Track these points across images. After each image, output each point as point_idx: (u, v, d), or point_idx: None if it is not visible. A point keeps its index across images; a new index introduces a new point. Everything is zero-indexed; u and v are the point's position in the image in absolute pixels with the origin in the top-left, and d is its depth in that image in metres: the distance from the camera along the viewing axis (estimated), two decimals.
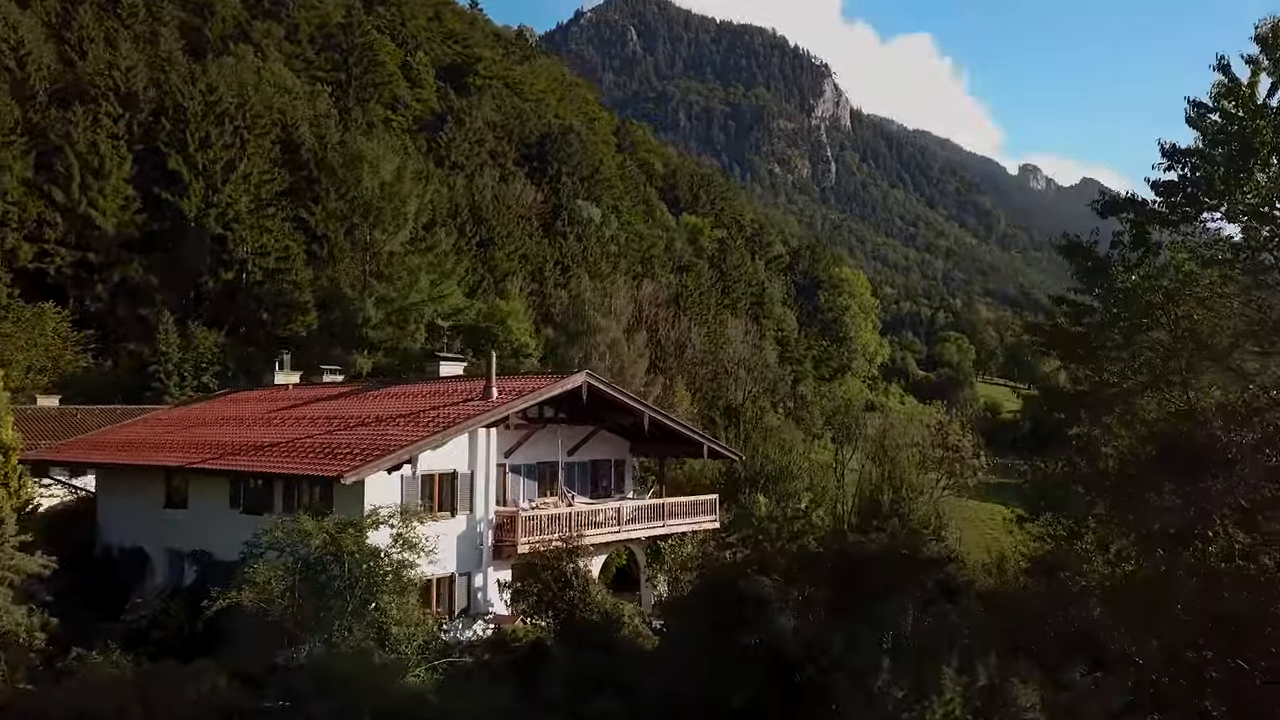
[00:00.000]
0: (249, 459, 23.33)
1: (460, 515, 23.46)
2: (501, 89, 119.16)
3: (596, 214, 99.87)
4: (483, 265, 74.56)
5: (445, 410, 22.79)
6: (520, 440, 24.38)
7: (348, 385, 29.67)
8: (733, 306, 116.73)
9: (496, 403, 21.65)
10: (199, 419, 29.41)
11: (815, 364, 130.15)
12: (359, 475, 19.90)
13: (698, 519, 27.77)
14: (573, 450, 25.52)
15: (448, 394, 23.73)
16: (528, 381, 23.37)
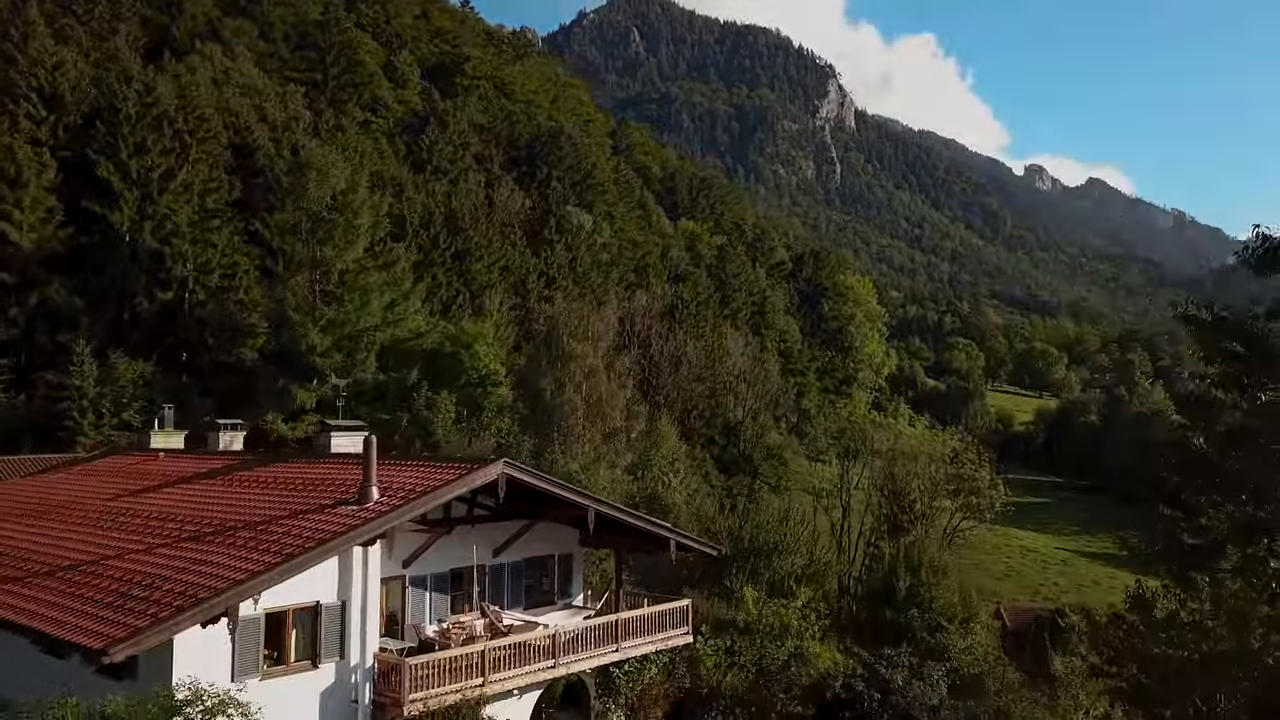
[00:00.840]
0: (11, 596, 17.22)
1: (326, 664, 17.01)
2: (490, 90, 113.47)
3: (587, 221, 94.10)
4: (458, 279, 68.83)
5: (305, 522, 16.57)
6: (426, 543, 18.62)
7: (227, 456, 23.81)
8: (733, 317, 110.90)
9: (374, 511, 15.76)
10: (11, 504, 23.13)
11: (819, 375, 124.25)
12: (135, 648, 13.99)
13: (665, 635, 21.65)
14: (501, 548, 19.63)
15: (323, 487, 17.73)
16: (427, 473, 17.30)
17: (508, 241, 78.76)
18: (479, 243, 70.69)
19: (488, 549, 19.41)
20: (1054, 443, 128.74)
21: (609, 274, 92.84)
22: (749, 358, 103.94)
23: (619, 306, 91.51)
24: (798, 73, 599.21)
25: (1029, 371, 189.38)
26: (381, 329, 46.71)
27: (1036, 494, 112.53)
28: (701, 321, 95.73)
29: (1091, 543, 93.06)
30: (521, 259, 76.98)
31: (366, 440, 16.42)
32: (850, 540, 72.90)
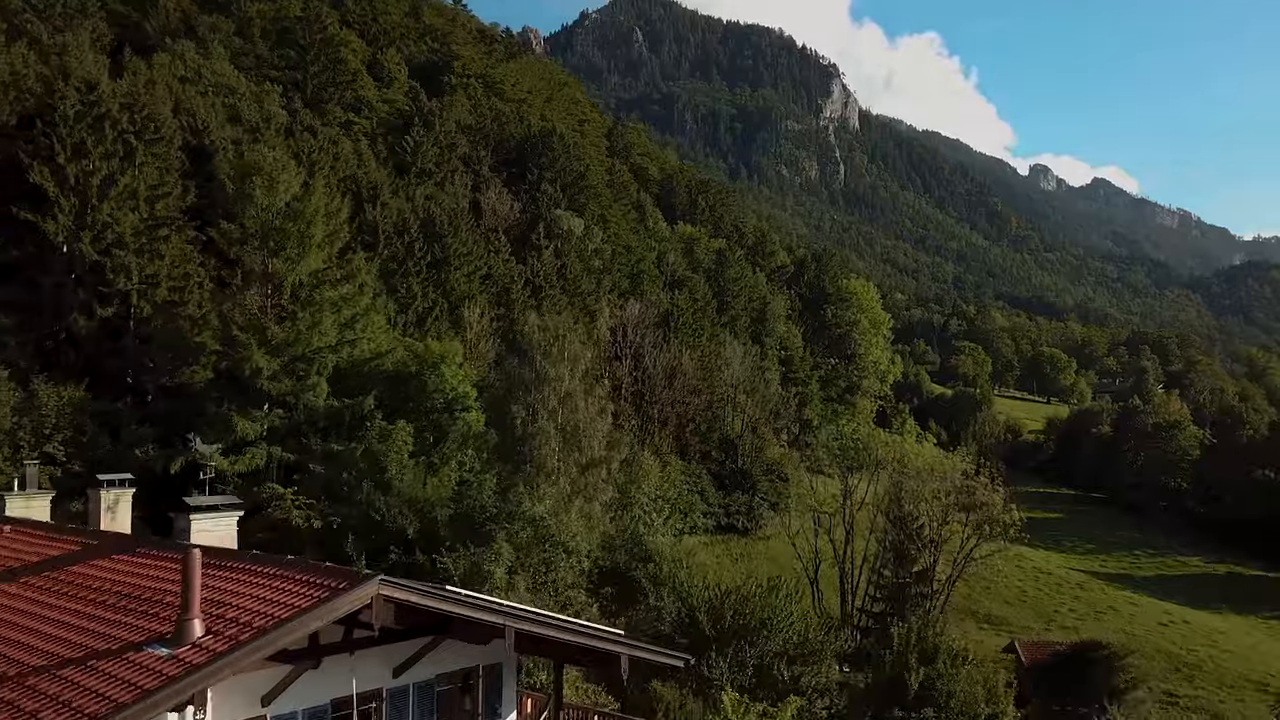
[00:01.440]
0: None
1: None
2: (479, 89, 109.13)
3: (578, 225, 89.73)
4: (435, 289, 64.48)
5: (90, 678, 11.71)
6: (289, 676, 13.52)
7: (79, 537, 19.06)
8: (731, 324, 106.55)
9: (189, 660, 11.20)
10: None
11: (822, 384, 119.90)
12: None
13: None
14: (404, 666, 14.99)
15: (146, 605, 13.12)
16: (283, 590, 12.64)
17: (490, 248, 74.41)
18: (458, 250, 66.32)
19: (385, 668, 14.93)
20: (1065, 452, 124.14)
21: (600, 281, 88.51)
22: (748, 367, 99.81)
23: (611, 315, 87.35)
24: (801, 72, 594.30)
25: (1037, 377, 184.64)
26: (337, 349, 42.33)
27: (1048, 507, 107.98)
28: (698, 331, 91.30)
29: (1108, 561, 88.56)
30: (506, 267, 72.62)
31: (187, 557, 11.89)
32: (853, 567, 68.59)
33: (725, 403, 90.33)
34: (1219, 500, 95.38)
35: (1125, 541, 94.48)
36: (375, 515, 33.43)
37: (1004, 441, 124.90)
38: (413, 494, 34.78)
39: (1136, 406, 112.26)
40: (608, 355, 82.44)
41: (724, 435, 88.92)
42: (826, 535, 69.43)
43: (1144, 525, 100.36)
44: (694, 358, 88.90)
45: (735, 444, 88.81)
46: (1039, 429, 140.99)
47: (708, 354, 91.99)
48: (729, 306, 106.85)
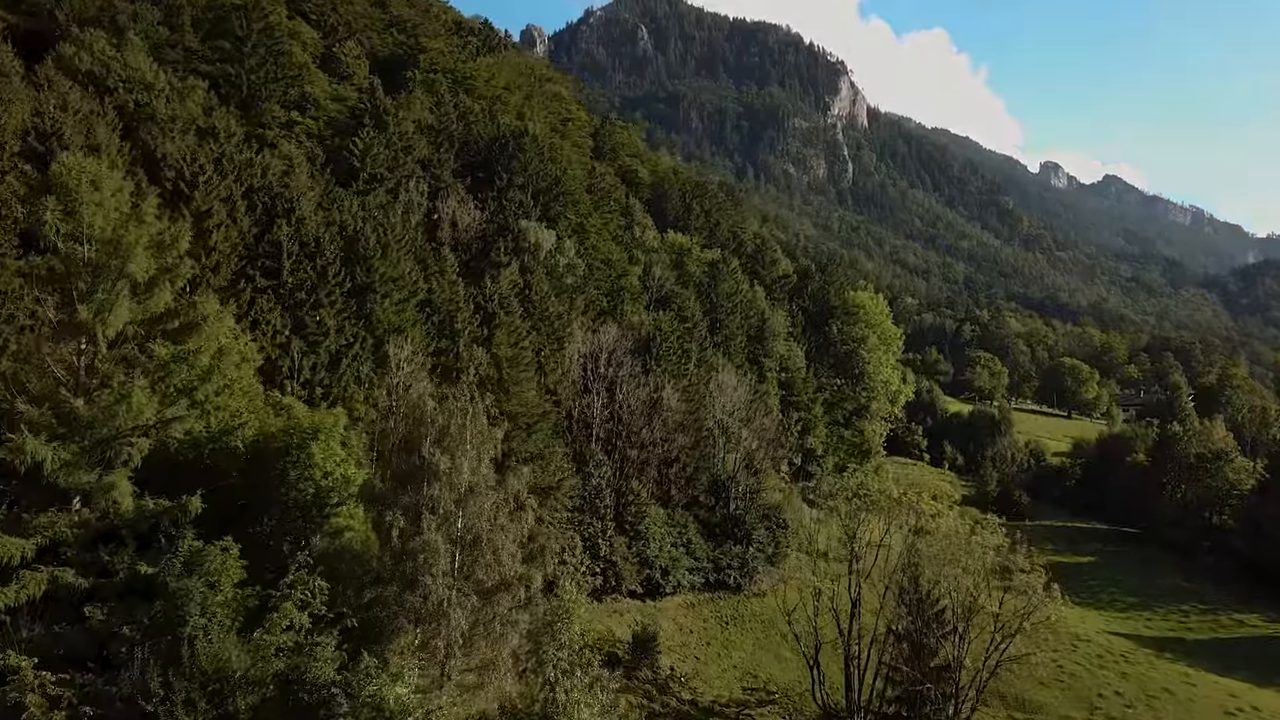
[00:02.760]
0: None
1: None
2: (446, 85, 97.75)
3: (548, 238, 78.39)
4: (356, 321, 53.27)
5: None
6: None
7: None
8: (725, 345, 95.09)
9: None
10: None
11: (827, 407, 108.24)
12: None
13: None
14: None
15: None
16: None
17: (434, 268, 63.08)
18: (386, 273, 55.02)
19: None
20: (1094, 479, 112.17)
21: (573, 301, 77.13)
22: (744, 394, 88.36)
23: (584, 340, 76.08)
24: (809, 70, 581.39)
25: (1057, 389, 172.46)
26: (164, 425, 31.07)
27: (1079, 547, 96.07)
28: (684, 357, 79.81)
29: (1153, 620, 76.70)
30: (451, 290, 61.24)
31: None
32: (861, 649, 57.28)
33: (717, 438, 78.82)
34: (1273, 542, 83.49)
35: (1170, 592, 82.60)
36: (147, 706, 22.19)
37: (1026, 469, 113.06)
38: (217, 665, 23.47)
39: (1176, 434, 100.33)
40: (577, 389, 71.26)
41: (714, 476, 77.49)
42: (829, 607, 58.22)
43: (1188, 570, 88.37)
44: (679, 388, 77.46)
45: (727, 485, 77.38)
46: (1063, 450, 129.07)
47: (696, 382, 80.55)
48: (722, 325, 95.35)
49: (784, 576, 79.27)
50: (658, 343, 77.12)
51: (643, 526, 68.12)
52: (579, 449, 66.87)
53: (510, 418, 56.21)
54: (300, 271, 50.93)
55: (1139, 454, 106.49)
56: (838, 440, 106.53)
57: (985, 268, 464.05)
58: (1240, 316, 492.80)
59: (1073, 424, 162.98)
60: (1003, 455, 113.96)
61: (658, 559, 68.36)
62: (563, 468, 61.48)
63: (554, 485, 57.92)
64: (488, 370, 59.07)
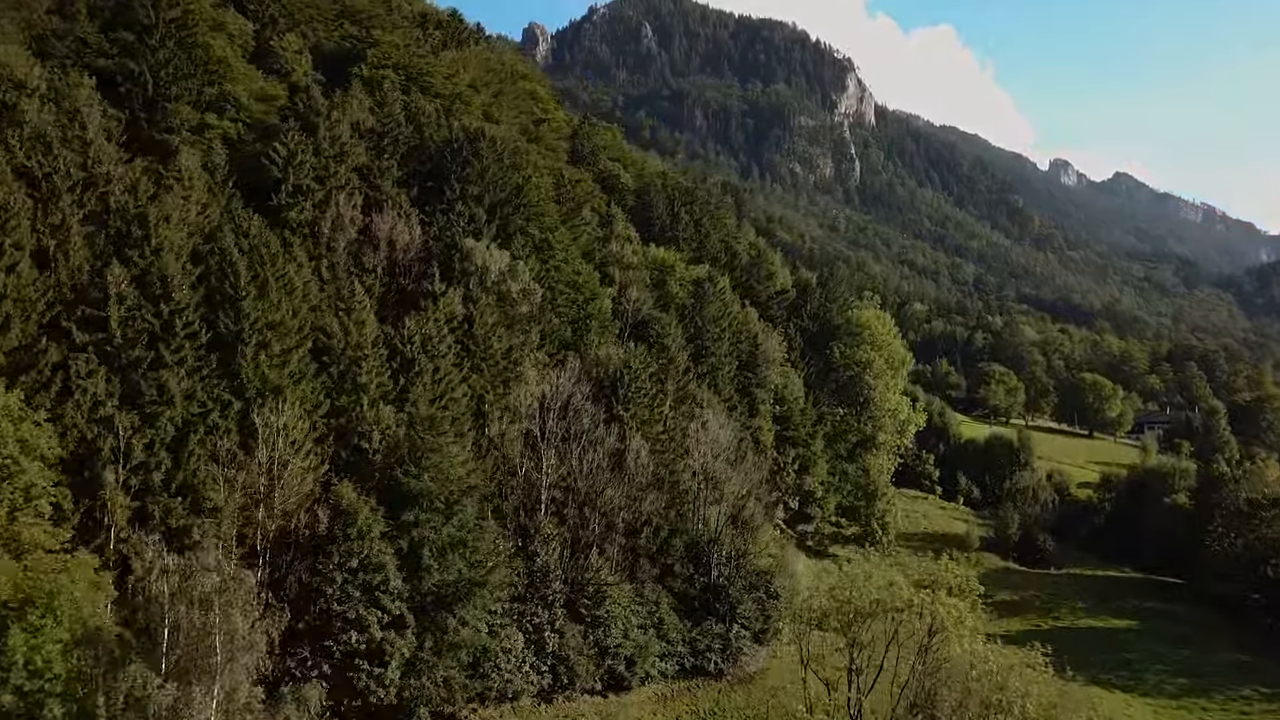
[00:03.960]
0: None
1: None
2: (396, 83, 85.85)
3: (499, 259, 66.41)
4: (218, 381, 41.49)
5: None
6: None
7: None
8: (711, 375, 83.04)
9: None
10: None
11: (829, 440, 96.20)
12: None
13: None
14: None
15: None
16: None
17: (339, 304, 51.21)
18: (262, 318, 43.23)
19: None
20: (1126, 517, 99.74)
21: (527, 334, 65.21)
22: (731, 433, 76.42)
23: (540, 380, 64.19)
24: (815, 67, 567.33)
25: (1077, 407, 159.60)
26: None
27: (1114, 605, 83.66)
28: (657, 400, 67.77)
29: (1210, 710, 64.36)
30: (358, 332, 49.36)
31: None
32: None
33: (696, 494, 66.83)
34: None
35: (1227, 671, 70.25)
36: None
37: (1050, 507, 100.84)
38: None
39: (1222, 474, 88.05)
40: (527, 444, 59.28)
41: (692, 540, 65.52)
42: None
43: (1245, 639, 76.05)
44: (651, 435, 65.51)
45: (709, 550, 65.42)
46: (1089, 480, 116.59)
47: (672, 428, 68.61)
48: (708, 352, 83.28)
49: (774, 653, 67.52)
50: (626, 383, 65.10)
51: (603, 610, 56.29)
52: (523, 522, 55.01)
53: (415, 501, 44.41)
54: (136, 322, 39.09)
55: (1178, 494, 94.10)
56: (840, 477, 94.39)
57: (995, 268, 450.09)
58: (1256, 317, 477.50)
59: (1096, 446, 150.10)
60: (1023, 490, 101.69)
61: (621, 647, 56.59)
62: (496, 551, 49.67)
63: (479, 581, 46.06)
64: (396, 436, 47.21)
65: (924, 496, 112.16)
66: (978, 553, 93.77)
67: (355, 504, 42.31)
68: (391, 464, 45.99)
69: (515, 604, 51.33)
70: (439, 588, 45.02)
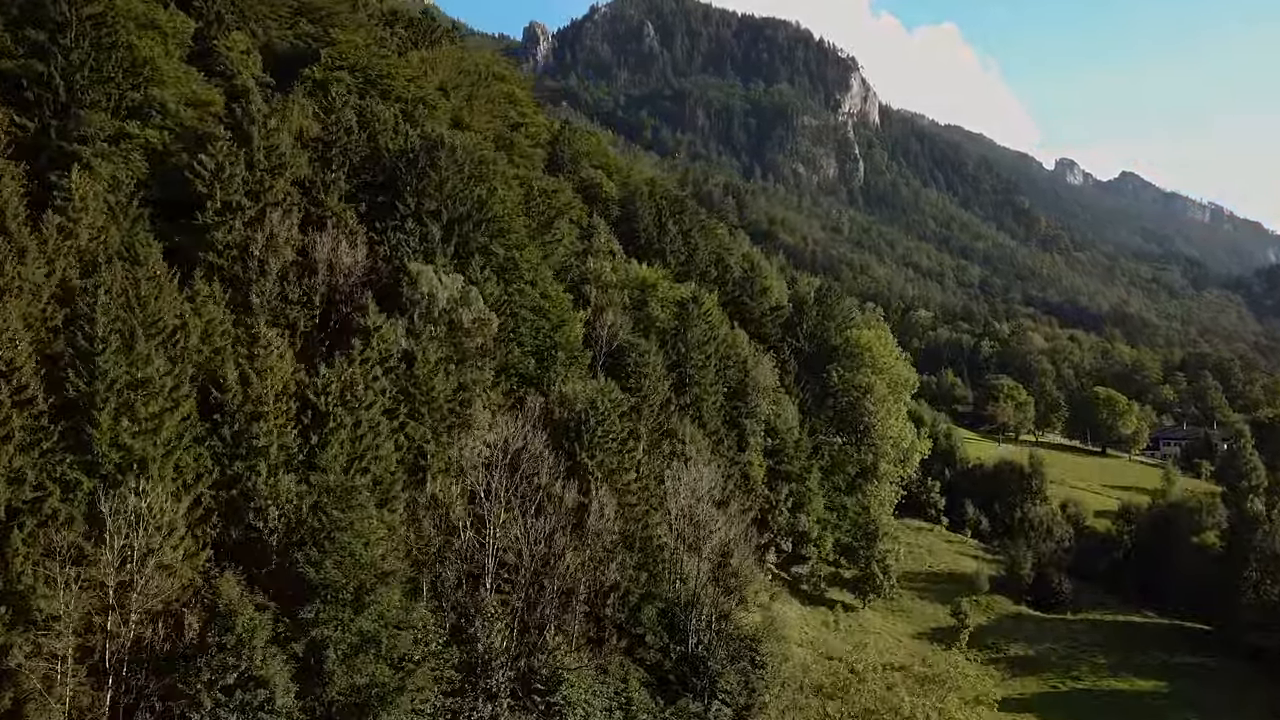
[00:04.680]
0: None
1: None
2: (353, 86, 78.00)
3: (450, 285, 58.57)
4: (60, 458, 33.68)
5: None
6: None
7: None
8: (695, 406, 75.19)
9: None
10: None
11: (826, 472, 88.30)
12: None
13: None
14: None
15: None
16: None
17: (240, 350, 43.35)
18: (124, 376, 35.40)
19: None
20: (1148, 553, 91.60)
21: (481, 371, 57.41)
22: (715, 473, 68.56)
23: (494, 423, 56.39)
24: (819, 66, 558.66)
25: (1090, 422, 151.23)
26: None
27: (1140, 662, 75.30)
28: (628, 444, 59.90)
29: None
30: (258, 384, 41.48)
31: None
32: None
33: (673, 552, 58.93)
34: None
35: None
36: None
37: (1067, 546, 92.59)
38: None
39: (1255, 514, 79.92)
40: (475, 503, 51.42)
41: (667, 604, 57.63)
42: None
43: None
44: (620, 486, 57.65)
45: (686, 614, 57.56)
46: (1107, 509, 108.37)
47: (646, 475, 60.73)
48: (692, 381, 75.37)
49: None
50: (591, 426, 57.23)
51: (559, 697, 48.39)
52: (462, 600, 47.15)
53: (315, 593, 36.61)
54: None
55: (1207, 533, 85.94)
56: (838, 513, 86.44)
57: (1001, 270, 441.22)
58: (1266, 319, 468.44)
59: (1110, 465, 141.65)
60: (1036, 524, 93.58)
61: None
62: (425, 641, 41.81)
63: (398, 686, 38.23)
64: (300, 511, 39.38)
65: (929, 528, 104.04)
66: (988, 595, 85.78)
67: (236, 602, 34.49)
68: (291, 546, 38.20)
69: (450, 700, 43.52)
70: (347, 696, 37.26)
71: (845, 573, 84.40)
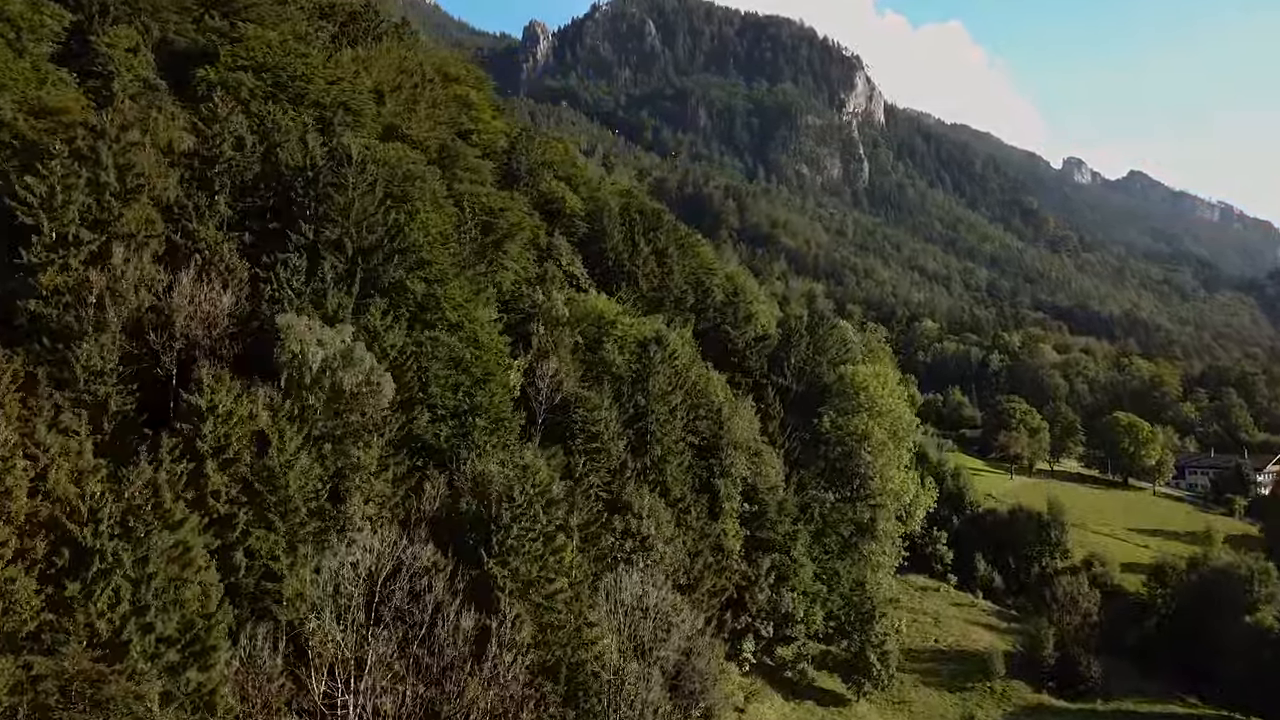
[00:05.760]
0: None
1: None
2: (259, 90, 65.41)
3: (330, 341, 45.93)
4: None
5: None
6: None
7: None
8: (656, 470, 62.69)
9: None
10: None
11: (815, 534, 75.66)
12: None
13: None
14: None
15: None
16: None
17: None
18: None
19: None
20: (1188, 627, 78.65)
21: (366, 451, 44.91)
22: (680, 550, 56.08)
23: (378, 520, 43.93)
24: (823, 65, 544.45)
25: (1111, 452, 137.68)
26: None
27: None
28: (553, 546, 47.22)
29: None
30: None
31: None
32: None
33: (609, 680, 46.34)
34: None
35: None
36: None
37: (1092, 620, 79.52)
38: None
39: None
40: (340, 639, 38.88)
41: None
42: None
43: None
44: (542, 598, 45.08)
45: None
46: (1137, 560, 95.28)
47: (580, 580, 48.10)
48: (654, 439, 62.76)
49: None
50: (505, 524, 44.67)
51: None
52: None
53: None
54: None
55: (1262, 611, 72.94)
56: (830, 582, 73.69)
57: (1009, 272, 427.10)
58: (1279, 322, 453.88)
59: (1134, 501, 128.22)
60: (1060, 595, 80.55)
61: None
62: None
63: None
64: None
65: (934, 586, 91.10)
66: (1003, 680, 72.90)
67: None
68: None
69: None
70: None
71: (837, 651, 71.65)
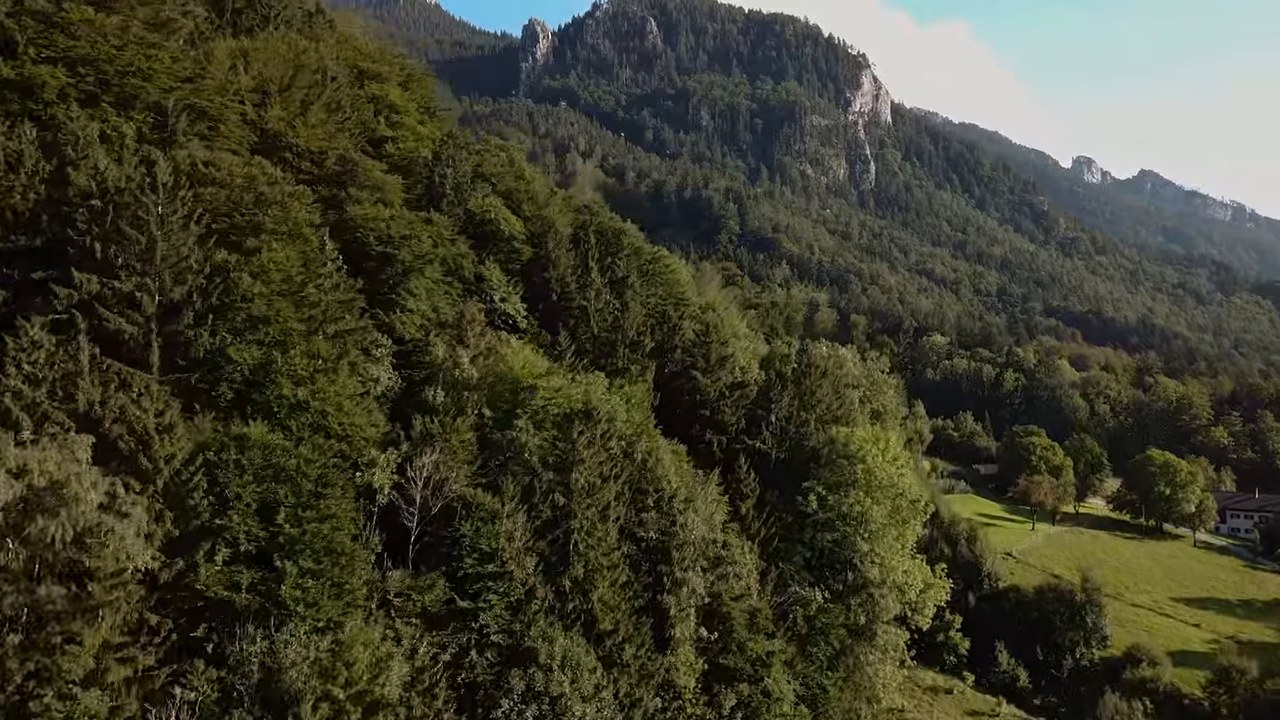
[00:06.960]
0: None
1: None
2: (77, 91, 49.75)
3: (41, 462, 30.06)
4: None
5: None
6: None
7: None
8: (578, 595, 46.70)
9: None
10: None
11: (800, 643, 59.59)
12: None
13: None
14: None
15: None
16: None
17: None
18: None
19: None
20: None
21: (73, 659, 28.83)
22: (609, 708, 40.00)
23: None
24: (828, 63, 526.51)
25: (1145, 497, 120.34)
26: None
27: None
28: None
29: None
30: None
31: None
32: None
33: None
34: None
35: None
36: None
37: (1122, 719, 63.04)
38: None
39: None
40: None
41: None
42: None
43: None
44: None
45: None
46: (1190, 648, 78.89)
47: None
48: (577, 554, 46.64)
49: None
50: None
51: None
52: None
53: None
54: None
55: None
56: (814, 704, 57.51)
57: (1020, 276, 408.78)
58: None
59: (1175, 558, 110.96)
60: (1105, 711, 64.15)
61: None
62: None
63: None
64: None
65: (947, 687, 74.66)
66: None
67: None
68: None
69: None
70: None
71: None
